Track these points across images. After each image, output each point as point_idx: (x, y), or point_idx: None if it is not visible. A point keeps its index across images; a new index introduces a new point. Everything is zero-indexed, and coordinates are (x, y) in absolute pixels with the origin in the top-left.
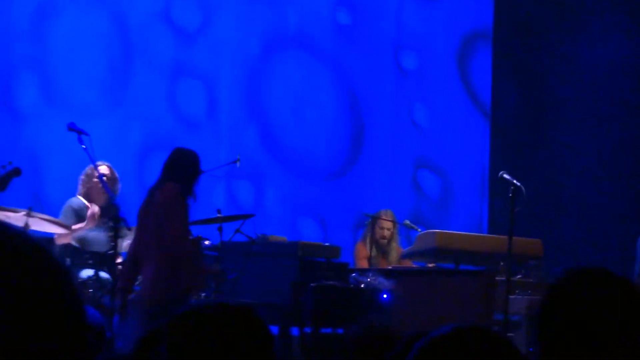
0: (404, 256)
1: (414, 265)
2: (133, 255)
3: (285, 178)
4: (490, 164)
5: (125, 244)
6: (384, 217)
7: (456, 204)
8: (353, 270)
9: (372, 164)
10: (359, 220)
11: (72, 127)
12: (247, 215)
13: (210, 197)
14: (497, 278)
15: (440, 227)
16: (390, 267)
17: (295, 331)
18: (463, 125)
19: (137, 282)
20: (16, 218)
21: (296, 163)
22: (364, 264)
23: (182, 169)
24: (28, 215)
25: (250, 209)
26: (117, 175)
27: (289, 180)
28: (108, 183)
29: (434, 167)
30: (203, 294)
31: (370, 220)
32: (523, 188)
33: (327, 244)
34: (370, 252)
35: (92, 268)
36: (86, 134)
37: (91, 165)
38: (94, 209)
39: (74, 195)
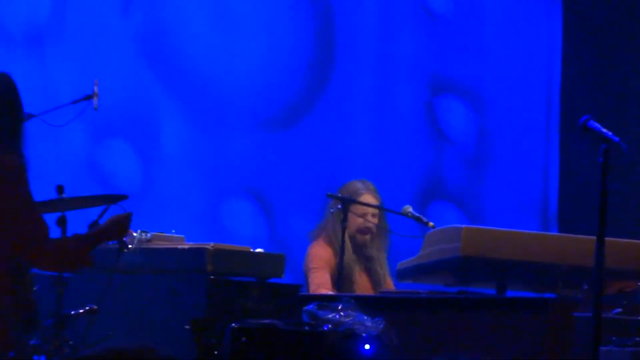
0: (401, 273)
1: (420, 291)
2: None
3: (198, 129)
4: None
5: None
6: (362, 197)
7: (502, 169)
8: (308, 299)
9: (343, 98)
10: (323, 203)
11: None
12: (114, 198)
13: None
14: (575, 313)
15: (474, 217)
16: (377, 294)
17: None
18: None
19: None
20: None
21: (216, 104)
22: (325, 285)
23: None
24: None
25: (134, 185)
26: None
27: (204, 134)
28: None
29: (462, 93)
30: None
31: (335, 204)
32: (624, 146)
33: (259, 250)
34: (340, 264)
35: None
36: None
37: None
38: None
39: None
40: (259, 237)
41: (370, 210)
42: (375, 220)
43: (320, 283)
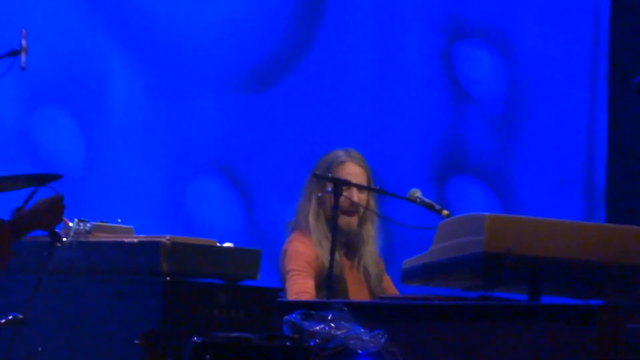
0: (407, 274)
1: (432, 296)
2: None
3: (154, 94)
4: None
5: None
6: (343, 167)
7: (538, 134)
8: (290, 307)
9: (335, 51)
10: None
11: None
12: (44, 178)
13: None
14: (629, 324)
15: (504, 196)
16: (376, 299)
17: None
18: None
19: None
20: None
21: (177, 63)
22: (308, 293)
23: None
24: None
25: (74, 162)
26: None
27: (163, 99)
28: None
29: (487, 38)
30: None
31: (319, 185)
32: None
33: (228, 244)
34: (331, 264)
35: None
36: None
37: None
38: None
39: None
40: (232, 227)
41: (356, 180)
42: (363, 198)
43: (302, 291)
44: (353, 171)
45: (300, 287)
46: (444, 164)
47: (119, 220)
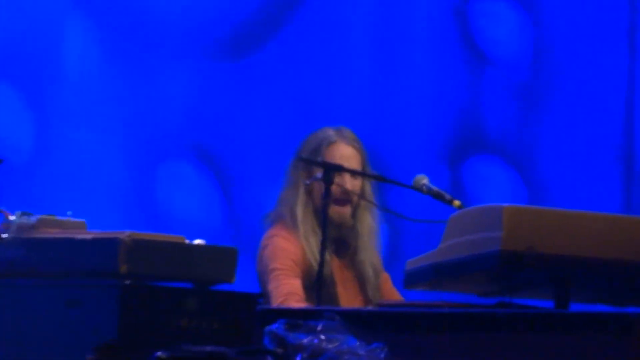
0: (411, 277)
1: (438, 302)
2: None
3: (118, 62)
4: None
5: None
6: (332, 147)
7: (567, 104)
8: (272, 315)
9: (328, 7)
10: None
11: None
12: None
13: None
14: None
15: (529, 177)
16: (374, 306)
17: None
18: None
19: None
20: None
21: (144, 25)
22: (296, 295)
23: None
24: None
25: (20, 145)
26: None
27: (127, 68)
28: None
29: None
30: None
31: (304, 171)
32: None
33: (198, 241)
34: (321, 264)
35: None
36: None
37: None
38: None
39: None
40: (208, 219)
41: (348, 164)
42: (357, 184)
43: (290, 292)
44: (345, 153)
45: (288, 287)
46: (458, 141)
47: (69, 213)
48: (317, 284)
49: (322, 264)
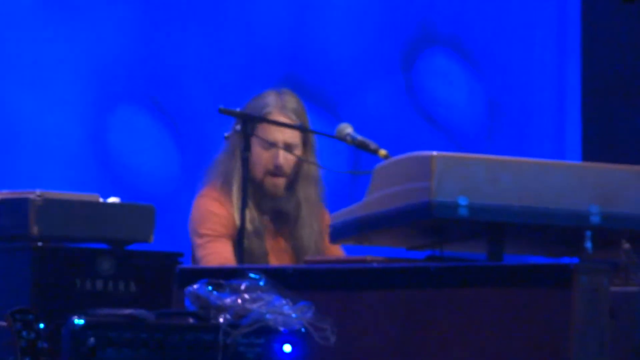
0: (336, 231)
1: (365, 257)
2: None
3: None
4: None
5: None
6: (270, 117)
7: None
8: (193, 275)
9: None
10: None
11: None
12: None
13: None
14: (614, 288)
15: (446, 142)
16: (301, 262)
17: None
18: None
19: None
20: None
21: None
22: (222, 252)
23: None
24: None
25: None
26: None
27: None
28: None
29: None
30: None
31: (236, 132)
32: None
33: (113, 199)
34: (242, 226)
35: None
36: None
37: None
38: None
39: None
40: (164, 170)
41: (283, 137)
42: (296, 153)
43: (221, 263)
44: (281, 128)
45: (218, 256)
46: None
47: None
48: (239, 240)
49: (242, 222)
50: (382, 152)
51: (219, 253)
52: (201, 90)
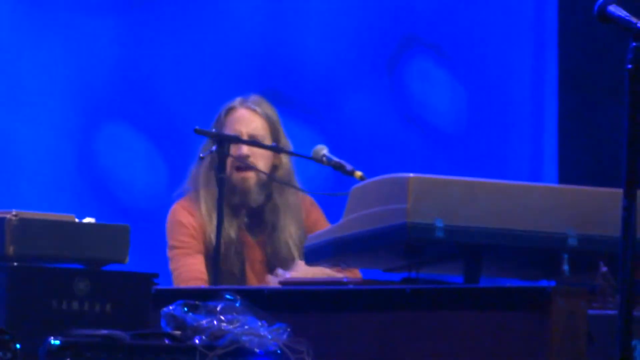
0: (312, 253)
1: (341, 279)
2: None
3: None
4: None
5: None
6: (233, 115)
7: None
8: (169, 295)
9: None
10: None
11: None
12: None
13: None
14: (592, 311)
15: (428, 163)
16: (276, 283)
17: None
18: None
19: None
20: None
21: None
22: (199, 278)
23: None
24: None
25: None
26: None
27: None
28: None
29: None
30: None
31: (207, 145)
32: None
33: (88, 219)
34: (217, 240)
35: None
36: None
37: None
38: None
39: None
40: (151, 186)
41: (247, 130)
42: (257, 150)
43: (190, 279)
44: (242, 116)
45: (188, 271)
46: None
47: None
48: (214, 262)
49: (218, 238)
50: (358, 173)
51: (187, 266)
52: (183, 105)
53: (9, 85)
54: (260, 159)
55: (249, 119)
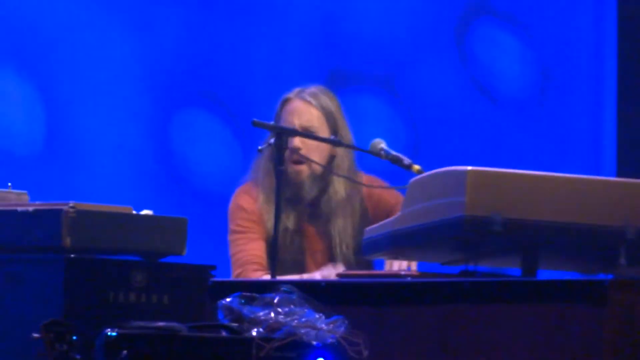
0: (369, 246)
1: (400, 272)
2: None
3: None
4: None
5: None
6: (288, 106)
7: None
8: (226, 288)
9: None
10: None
11: None
12: None
13: None
14: None
15: (498, 134)
16: (335, 276)
17: None
18: None
19: None
20: None
21: None
22: (257, 263)
23: None
24: None
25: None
26: None
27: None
28: None
29: None
30: None
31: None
32: None
33: (146, 211)
34: (275, 232)
35: None
36: None
37: None
38: None
39: None
40: (227, 175)
41: (299, 121)
42: (309, 142)
43: (248, 262)
44: (297, 108)
45: (247, 255)
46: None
47: (10, 184)
48: (272, 252)
49: (277, 229)
50: (416, 167)
51: (246, 251)
52: (260, 85)
53: (82, 77)
54: (314, 151)
55: (302, 110)
